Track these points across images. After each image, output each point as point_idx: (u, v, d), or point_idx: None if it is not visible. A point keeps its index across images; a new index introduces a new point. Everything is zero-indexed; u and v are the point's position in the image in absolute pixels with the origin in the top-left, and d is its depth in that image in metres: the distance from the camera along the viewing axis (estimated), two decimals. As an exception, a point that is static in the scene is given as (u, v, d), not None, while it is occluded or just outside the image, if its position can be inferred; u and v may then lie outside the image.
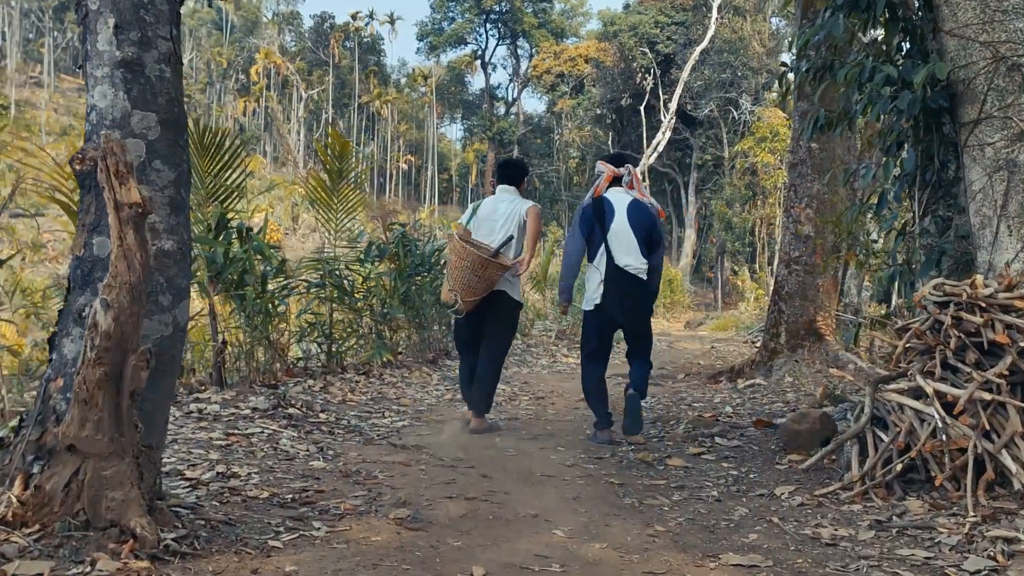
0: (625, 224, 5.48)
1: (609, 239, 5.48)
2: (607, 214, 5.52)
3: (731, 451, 5.23)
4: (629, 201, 5.57)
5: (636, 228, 5.48)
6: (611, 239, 5.48)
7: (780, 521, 3.63)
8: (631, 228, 5.47)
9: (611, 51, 48.92)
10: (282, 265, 8.06)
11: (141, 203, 2.68)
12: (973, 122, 4.88)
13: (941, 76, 4.75)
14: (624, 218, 5.50)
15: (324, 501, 3.73)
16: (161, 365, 2.94)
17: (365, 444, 5.25)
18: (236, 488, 3.81)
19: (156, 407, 3.00)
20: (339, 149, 9.00)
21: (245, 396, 6.18)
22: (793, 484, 4.29)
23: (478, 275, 5.57)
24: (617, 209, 5.53)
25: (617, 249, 5.45)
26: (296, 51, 77.62)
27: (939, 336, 4.20)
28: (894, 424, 4.24)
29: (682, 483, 4.41)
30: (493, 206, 6.01)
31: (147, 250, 2.73)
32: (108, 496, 2.70)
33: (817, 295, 8.92)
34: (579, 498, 4.05)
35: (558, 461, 4.96)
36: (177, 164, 3.01)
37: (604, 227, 5.51)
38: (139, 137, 2.91)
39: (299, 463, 4.53)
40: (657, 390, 8.83)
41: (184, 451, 4.46)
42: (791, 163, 9.27)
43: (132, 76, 2.90)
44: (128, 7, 2.90)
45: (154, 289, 2.92)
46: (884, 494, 3.94)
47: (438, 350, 10.66)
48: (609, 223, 5.50)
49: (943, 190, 5.41)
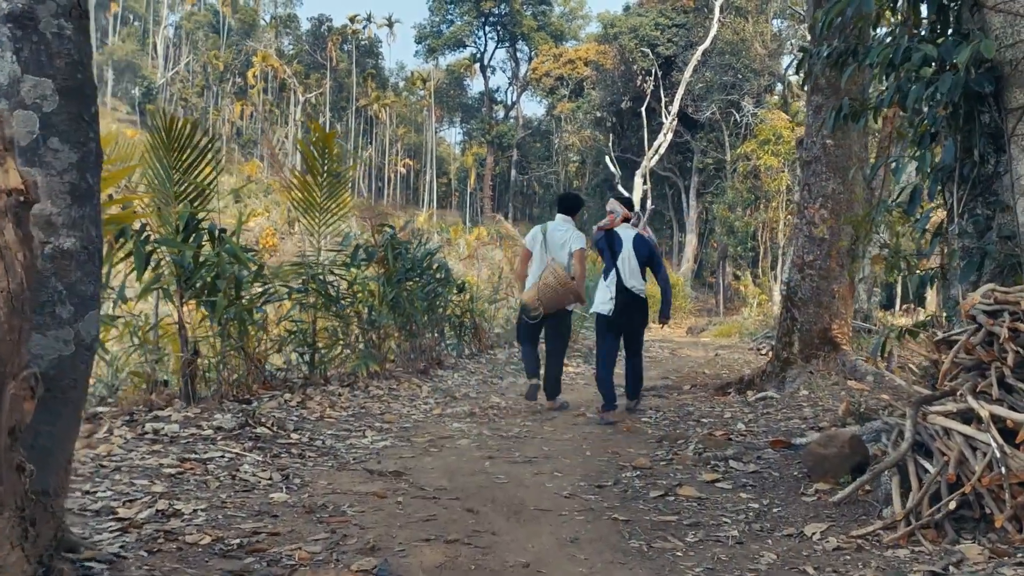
0: (631, 253, 7.07)
1: (619, 265, 7.04)
2: (616, 244, 7.09)
3: (749, 477, 4.65)
4: (634, 235, 7.17)
5: (639, 257, 7.10)
6: (620, 265, 7.04)
7: (815, 572, 3.06)
8: (636, 256, 7.08)
9: (611, 54, 48.42)
10: (260, 270, 7.48)
11: (22, 189, 2.11)
12: (1021, 109, 4.33)
13: (989, 55, 4.19)
14: (631, 248, 7.08)
15: (277, 547, 3.15)
16: (59, 392, 2.38)
17: (338, 470, 4.68)
18: (174, 531, 3.23)
19: (54, 443, 2.43)
20: (322, 142, 8.45)
21: (211, 413, 5.61)
22: (824, 521, 3.72)
23: (559, 295, 7.23)
24: (625, 241, 7.10)
25: (625, 273, 7.04)
26: (293, 54, 77.10)
27: (994, 351, 3.63)
28: (939, 452, 3.68)
29: (696, 519, 3.83)
30: (555, 233, 7.45)
31: (32, 249, 2.16)
32: (-21, 561, 2.13)
33: (833, 301, 8.35)
34: (578, 540, 3.47)
35: (554, 490, 4.38)
36: (81, 143, 2.44)
37: (615, 254, 7.07)
38: (31, 108, 2.35)
39: (257, 495, 3.95)
40: (662, 403, 8.26)
41: (126, 482, 3.89)
42: (804, 160, 8.70)
43: (23, 33, 2.34)
44: (19, -52, 2.34)
45: (49, 298, 2.35)
46: (934, 536, 3.37)
47: (429, 359, 10.11)
48: (619, 251, 7.06)
49: (982, 186, 4.85)
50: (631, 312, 7.11)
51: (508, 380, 10.12)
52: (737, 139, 37.95)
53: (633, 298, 7.09)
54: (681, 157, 45.64)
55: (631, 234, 7.16)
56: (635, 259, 7.07)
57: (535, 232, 7.64)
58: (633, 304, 7.10)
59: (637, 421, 6.94)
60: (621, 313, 7.06)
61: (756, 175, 33.50)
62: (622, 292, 7.03)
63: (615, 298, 7.03)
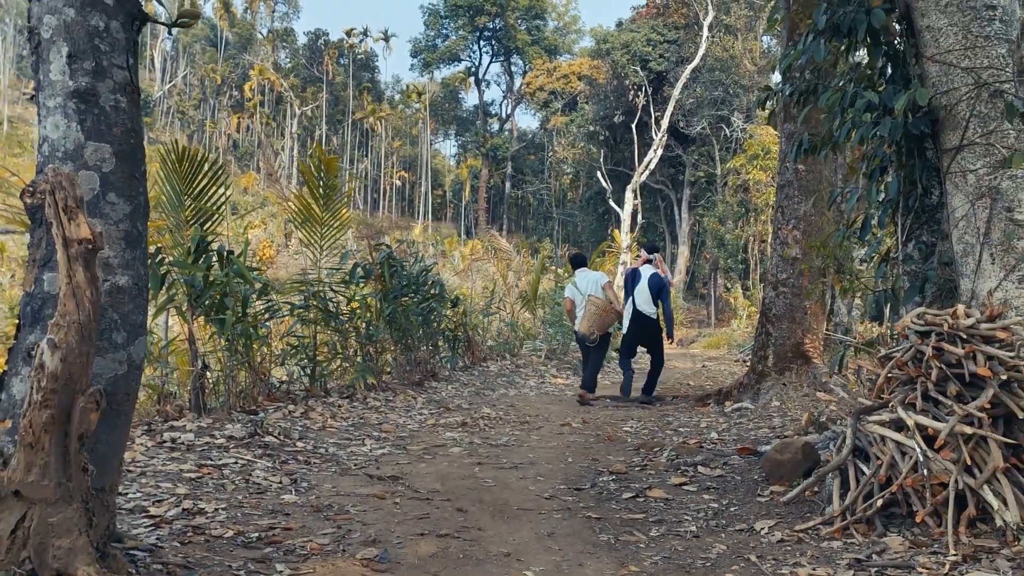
0: (646, 286, 9.78)
1: (635, 295, 9.81)
2: (636, 279, 9.90)
3: (713, 481, 5.13)
4: (651, 272, 9.90)
5: (651, 289, 9.78)
6: (636, 295, 9.81)
7: (758, 560, 3.54)
8: (648, 289, 9.75)
9: (604, 69, 49.08)
10: (264, 288, 7.96)
11: (92, 239, 2.59)
12: (955, 148, 4.83)
13: (922, 102, 4.69)
14: (646, 282, 9.80)
15: (291, 540, 3.63)
16: (115, 405, 2.85)
17: (341, 475, 5.15)
18: (200, 526, 3.70)
19: (110, 448, 2.90)
20: (324, 166, 8.94)
21: (222, 423, 6.07)
22: (774, 518, 4.20)
23: (603, 318, 9.72)
24: (643, 277, 9.86)
25: (640, 301, 9.77)
26: (290, 68, 77.75)
27: (920, 367, 4.12)
28: (875, 457, 4.17)
29: (661, 517, 4.31)
30: (582, 282, 10.17)
31: (98, 287, 2.64)
32: (55, 544, 2.60)
33: (805, 317, 8.85)
34: (554, 534, 3.95)
35: (536, 492, 4.86)
36: (133, 197, 2.93)
37: (634, 285, 9.88)
38: (93, 169, 2.83)
39: (270, 497, 4.42)
40: (644, 414, 8.74)
41: (152, 485, 4.36)
42: (779, 184, 9.22)
43: (86, 107, 2.83)
44: (82, 35, 2.83)
45: (107, 326, 2.83)
46: (865, 530, 3.85)
47: (424, 371, 10.56)
48: (637, 284, 9.86)
49: (927, 215, 5.36)
50: (643, 328, 9.74)
51: (499, 392, 10.59)
52: (728, 153, 38.54)
53: (645, 318, 9.69)
54: (673, 170, 46.23)
55: (649, 271, 9.87)
56: (648, 291, 9.69)
57: (570, 287, 10.43)
58: (644, 323, 9.70)
59: (619, 430, 7.42)
60: (635, 329, 9.74)
61: (746, 189, 34.10)
62: (636, 314, 9.69)
63: (631, 318, 9.70)
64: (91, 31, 2.83)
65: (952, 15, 4.83)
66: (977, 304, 4.60)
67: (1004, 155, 4.64)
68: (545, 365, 14.07)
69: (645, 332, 9.86)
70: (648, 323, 9.73)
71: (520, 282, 18.92)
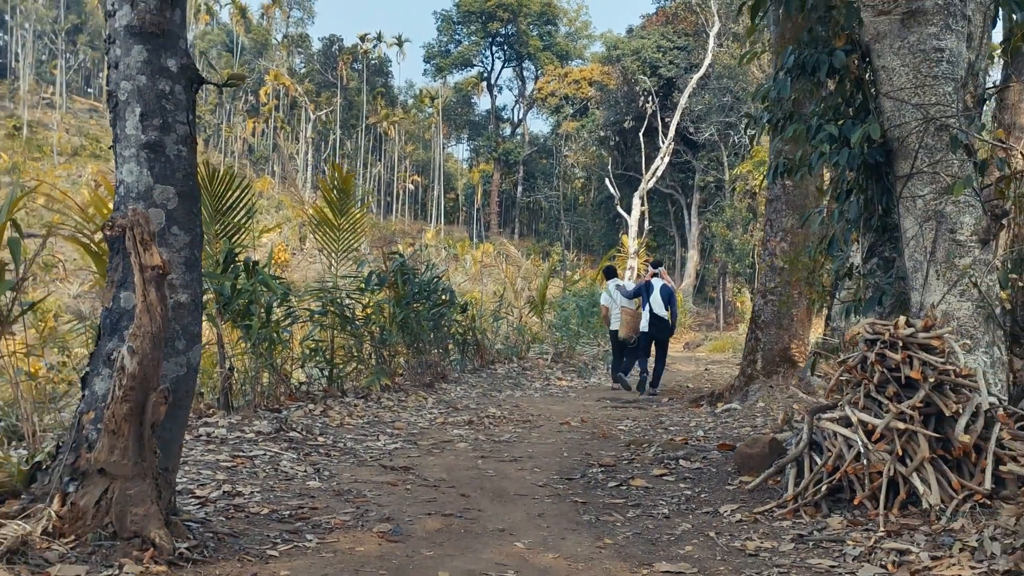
0: (658, 295, 11.80)
1: (651, 301, 11.79)
2: (650, 289, 11.87)
3: (691, 473, 5.73)
4: (661, 284, 11.95)
5: (663, 296, 11.80)
6: (651, 301, 11.78)
7: (716, 535, 4.14)
8: (660, 296, 11.78)
9: (614, 75, 49.71)
10: (286, 296, 8.60)
11: (161, 266, 3.22)
12: (906, 176, 5.40)
13: (875, 136, 5.28)
14: (658, 292, 11.81)
15: (317, 517, 4.25)
16: (177, 400, 3.48)
17: (358, 465, 5.77)
18: (240, 505, 4.33)
19: (172, 436, 3.53)
20: (341, 183, 9.58)
21: (250, 420, 6.71)
22: (738, 503, 4.79)
23: (635, 323, 12.18)
24: (655, 287, 11.87)
25: (654, 306, 11.76)
26: (305, 73, 78.68)
27: (865, 371, 4.71)
28: (827, 449, 4.75)
29: (639, 502, 4.92)
30: (616, 293, 12.60)
31: (166, 304, 3.27)
32: (132, 511, 3.23)
33: (792, 324, 9.42)
34: (544, 515, 4.56)
35: (532, 481, 5.47)
36: (191, 229, 3.56)
37: (648, 295, 11.86)
38: (160, 207, 3.46)
39: (297, 483, 5.05)
40: (640, 414, 9.33)
41: (194, 472, 4.99)
42: (767, 198, 9.79)
43: (154, 156, 3.46)
44: (152, 98, 3.46)
45: (171, 336, 3.46)
46: (812, 511, 4.45)
47: (435, 374, 11.17)
48: (651, 293, 11.83)
49: (888, 234, 5.94)
50: (657, 328, 11.84)
51: (506, 393, 11.21)
52: (736, 159, 39.05)
53: (659, 320, 11.81)
54: (683, 175, 46.80)
55: (660, 282, 12.00)
56: (660, 298, 11.82)
57: (604, 296, 13.14)
58: (658, 323, 11.82)
59: (614, 429, 8.02)
60: (652, 329, 11.85)
61: (753, 195, 34.59)
62: (653, 317, 11.81)
63: (648, 320, 11.84)
64: (159, 94, 3.46)
65: (904, 56, 5.41)
66: (924, 315, 5.18)
67: (948, 183, 5.20)
68: (551, 368, 14.68)
69: (660, 331, 11.91)
70: (662, 323, 11.85)
71: (528, 287, 19.53)
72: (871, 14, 5.52)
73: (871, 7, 5.50)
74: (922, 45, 5.37)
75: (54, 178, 55.04)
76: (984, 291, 5.11)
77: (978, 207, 5.23)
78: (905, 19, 5.37)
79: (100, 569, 3.05)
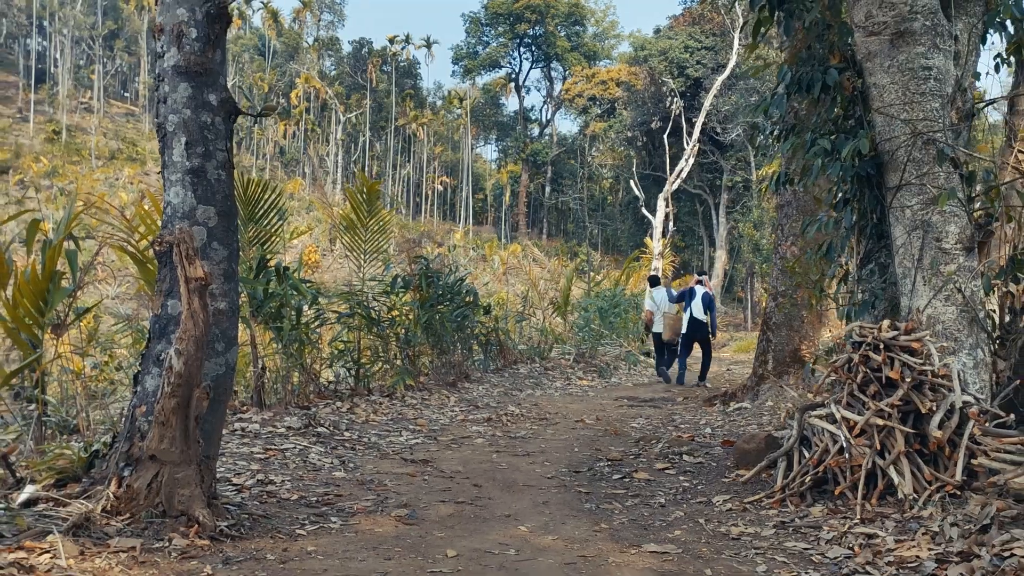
0: (699, 300, 13.10)
1: (692, 306, 13.12)
2: (692, 295, 13.19)
3: (692, 467, 6.10)
4: (703, 291, 13.25)
5: (704, 302, 13.12)
6: (693, 306, 13.11)
7: (704, 522, 4.51)
8: (701, 302, 13.08)
9: (642, 75, 49.93)
10: (315, 299, 9.07)
11: (204, 277, 3.66)
12: (896, 187, 5.73)
13: (864, 151, 5.62)
14: (699, 298, 13.10)
15: (341, 502, 4.69)
16: (217, 395, 3.92)
17: (381, 458, 6.20)
18: (272, 492, 4.78)
19: (213, 427, 3.97)
20: (367, 190, 10.04)
21: (281, 416, 7.17)
22: (731, 494, 5.16)
23: (675, 326, 13.78)
24: (697, 293, 13.16)
25: (695, 311, 13.08)
26: (335, 76, 79.69)
27: (850, 372, 5.05)
28: (815, 444, 5.11)
29: (639, 492, 5.30)
30: (662, 301, 14.31)
31: (208, 311, 3.71)
32: (179, 493, 3.68)
33: (802, 325, 9.72)
34: (548, 503, 4.96)
35: (541, 474, 5.87)
36: (229, 244, 4.00)
37: (690, 300, 13.17)
38: (202, 225, 3.91)
39: (324, 473, 5.49)
40: (655, 412, 9.69)
41: (231, 463, 5.45)
42: (778, 204, 10.10)
43: (197, 180, 3.90)
44: (195, 129, 3.90)
45: (212, 339, 3.90)
46: (797, 501, 4.80)
47: (458, 373, 11.59)
48: (692, 299, 13.14)
49: (883, 241, 6.26)
50: (698, 330, 13.20)
51: (526, 392, 11.61)
52: (763, 159, 39.14)
53: (699, 323, 13.15)
54: (711, 175, 46.96)
55: (701, 289, 13.31)
56: (700, 304, 13.13)
57: (649, 301, 14.96)
58: (698, 326, 13.17)
59: (626, 426, 8.39)
60: (692, 331, 13.22)
61: (780, 196, 34.65)
62: (693, 320, 13.16)
63: (688, 323, 13.22)
64: (202, 125, 3.91)
65: (894, 75, 5.73)
66: (910, 319, 5.50)
67: (935, 194, 5.52)
68: (572, 368, 15.05)
69: (699, 332, 13.33)
70: (701, 326, 13.23)
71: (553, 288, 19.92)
72: (863, 34, 5.85)
73: (863, 28, 5.83)
74: (910, 64, 5.69)
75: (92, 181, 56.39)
76: (968, 296, 5.43)
77: (963, 217, 5.54)
78: (894, 39, 5.69)
79: (152, 542, 3.49)
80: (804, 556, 3.83)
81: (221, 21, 4.00)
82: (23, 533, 3.40)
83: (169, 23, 3.95)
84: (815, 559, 3.76)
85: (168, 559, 3.38)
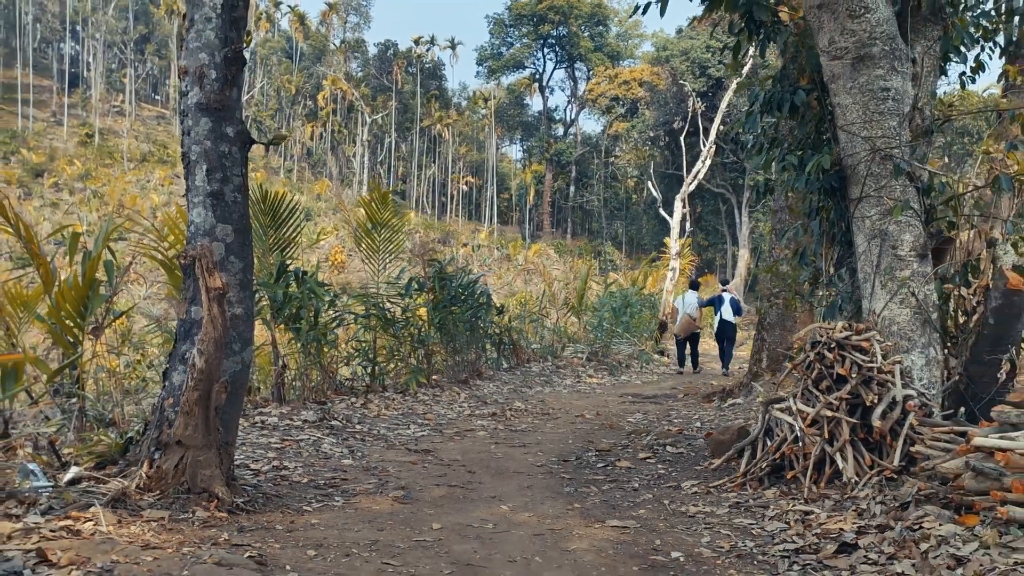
0: (727, 304, 15.61)
1: (721, 310, 15.61)
2: (721, 301, 15.70)
3: (672, 456, 6.62)
4: (730, 297, 15.80)
5: (732, 306, 15.63)
6: (722, 310, 15.59)
7: (668, 503, 5.05)
8: (729, 306, 15.59)
9: (664, 75, 50.26)
10: (332, 301, 9.68)
11: (222, 287, 4.26)
12: (857, 199, 6.21)
13: (826, 166, 6.12)
14: (727, 303, 15.63)
15: (346, 485, 5.28)
16: (234, 389, 4.52)
17: (387, 448, 6.79)
18: (285, 476, 5.38)
19: (231, 417, 4.57)
20: (379, 199, 10.65)
21: (298, 411, 7.78)
22: (699, 479, 5.68)
23: (687, 327, 16.27)
24: (725, 298, 15.71)
25: (724, 314, 15.56)
26: (361, 77, 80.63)
27: (808, 369, 5.56)
28: (777, 434, 5.62)
29: (616, 478, 5.84)
30: (690, 297, 16.38)
31: (226, 316, 4.31)
32: (201, 473, 4.28)
33: (795, 325, 10.17)
34: (532, 487, 5.51)
35: (532, 462, 6.43)
36: (244, 257, 4.60)
37: (719, 305, 15.70)
38: (220, 241, 4.50)
39: (333, 460, 6.09)
40: (653, 408, 10.20)
41: (250, 451, 6.06)
42: (773, 210, 10.57)
43: (216, 202, 4.50)
44: (215, 157, 4.50)
45: (229, 340, 4.50)
46: (756, 485, 5.32)
47: (471, 371, 12.16)
48: (722, 304, 15.64)
49: (851, 248, 6.74)
50: (725, 329, 15.71)
51: (535, 389, 12.16)
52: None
53: (728, 323, 15.65)
54: (734, 175, 47.17)
55: (729, 296, 15.76)
56: (729, 307, 15.53)
57: (678, 299, 17.14)
58: (727, 327, 15.69)
59: (623, 421, 8.92)
60: (720, 331, 15.72)
61: (799, 195, 34.90)
62: (722, 322, 15.60)
63: (717, 324, 15.70)
64: (220, 154, 4.50)
65: (855, 95, 6.22)
66: (872, 320, 5.99)
67: (891, 205, 6.01)
68: (584, 366, 15.57)
69: (726, 332, 15.83)
70: (729, 326, 15.79)
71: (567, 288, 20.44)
72: (827, 58, 6.34)
73: (827, 52, 6.32)
74: (870, 85, 6.17)
75: (124, 184, 57.71)
76: (921, 299, 5.91)
77: (917, 226, 6.01)
78: (855, 63, 6.17)
79: (178, 514, 4.09)
80: (746, 530, 4.35)
81: (237, 63, 4.60)
82: (69, 505, 4.01)
83: (192, 65, 4.55)
84: (755, 532, 4.29)
85: (192, 527, 3.97)
